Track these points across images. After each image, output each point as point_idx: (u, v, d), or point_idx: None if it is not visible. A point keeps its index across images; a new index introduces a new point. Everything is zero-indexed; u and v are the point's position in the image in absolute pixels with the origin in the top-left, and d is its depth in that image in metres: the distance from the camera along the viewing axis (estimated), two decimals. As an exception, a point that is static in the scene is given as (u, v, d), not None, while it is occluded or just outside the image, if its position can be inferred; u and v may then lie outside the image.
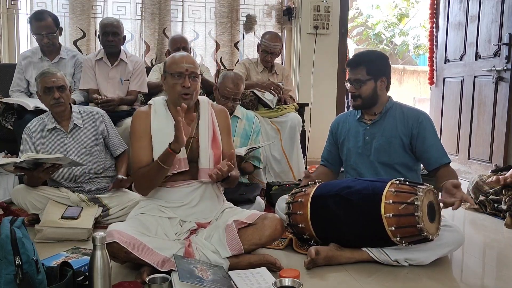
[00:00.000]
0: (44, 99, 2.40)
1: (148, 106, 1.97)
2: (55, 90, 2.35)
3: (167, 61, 1.95)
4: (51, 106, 2.39)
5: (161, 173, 1.82)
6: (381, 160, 2.15)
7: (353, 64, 2.14)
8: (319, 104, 4.21)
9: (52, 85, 2.35)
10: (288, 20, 4.34)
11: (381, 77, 2.13)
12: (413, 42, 13.42)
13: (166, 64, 1.94)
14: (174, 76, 1.87)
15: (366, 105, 2.16)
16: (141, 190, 1.94)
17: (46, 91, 2.36)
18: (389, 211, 1.75)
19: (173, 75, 1.88)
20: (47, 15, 3.08)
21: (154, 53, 4.04)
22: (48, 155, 2.21)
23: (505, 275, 1.92)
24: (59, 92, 2.36)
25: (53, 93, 2.35)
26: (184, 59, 1.90)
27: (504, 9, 3.52)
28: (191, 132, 1.91)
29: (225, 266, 1.73)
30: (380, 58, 2.18)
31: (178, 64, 1.88)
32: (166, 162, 1.79)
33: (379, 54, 2.25)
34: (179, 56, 1.93)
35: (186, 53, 1.99)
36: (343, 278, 1.78)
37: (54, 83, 2.36)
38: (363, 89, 2.12)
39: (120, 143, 2.62)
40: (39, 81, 2.39)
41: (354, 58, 2.18)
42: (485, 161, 3.74)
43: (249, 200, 2.49)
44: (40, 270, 1.40)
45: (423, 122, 2.10)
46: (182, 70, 1.87)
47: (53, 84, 2.35)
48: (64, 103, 2.40)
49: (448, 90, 4.32)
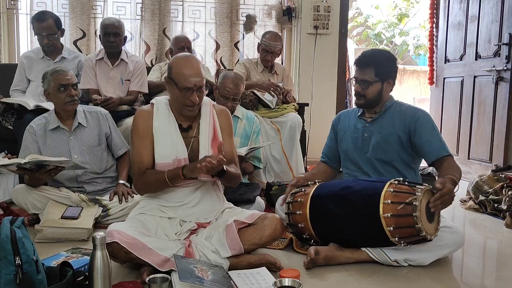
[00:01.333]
0: (58, 97, 2.38)
1: (151, 105, 1.95)
2: (71, 87, 2.36)
3: (174, 68, 1.84)
4: (65, 103, 2.38)
5: (165, 186, 1.86)
6: (378, 157, 2.15)
7: (362, 64, 2.12)
8: (319, 104, 4.21)
9: (68, 82, 2.36)
10: (288, 20, 4.34)
11: (388, 80, 2.13)
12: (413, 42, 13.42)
13: (173, 72, 1.84)
14: (182, 90, 1.82)
15: (369, 105, 2.16)
16: (141, 192, 1.97)
17: (61, 89, 2.36)
18: (387, 211, 1.76)
19: (180, 88, 1.82)
20: (48, 17, 3.08)
21: (154, 53, 4.04)
22: (53, 158, 2.20)
23: (505, 275, 1.92)
24: (74, 90, 2.38)
25: (69, 91, 2.36)
26: (193, 73, 1.81)
27: (504, 9, 3.52)
28: (192, 132, 1.92)
29: (225, 266, 1.73)
30: (389, 60, 2.15)
31: (187, 79, 1.80)
32: (173, 181, 1.82)
33: (388, 55, 2.21)
34: (188, 69, 1.81)
35: (192, 59, 1.87)
36: (343, 278, 1.78)
37: (69, 80, 2.37)
38: (369, 90, 2.11)
39: (122, 144, 2.62)
40: (51, 78, 2.37)
41: (363, 58, 2.14)
42: (485, 161, 3.74)
43: (249, 200, 2.49)
44: (40, 270, 1.40)
45: (420, 118, 2.09)
46: (191, 85, 1.81)
47: (68, 81, 2.36)
48: (78, 101, 2.43)
49: (448, 90, 4.32)
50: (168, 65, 1.93)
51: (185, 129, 1.92)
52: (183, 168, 1.78)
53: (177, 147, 1.87)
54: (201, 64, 1.90)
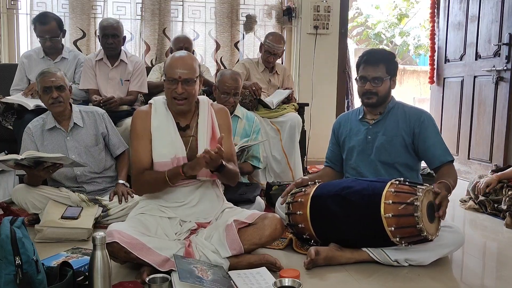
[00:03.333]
0: (43, 99, 2.41)
1: (149, 105, 1.96)
2: (54, 89, 2.36)
3: (166, 62, 1.92)
4: (49, 105, 2.40)
5: (164, 186, 1.86)
6: (382, 159, 2.15)
7: (374, 62, 2.12)
8: (319, 104, 4.21)
9: (50, 84, 2.36)
10: (288, 20, 4.34)
11: (394, 77, 2.17)
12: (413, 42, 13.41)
13: (165, 65, 1.92)
14: (168, 81, 1.86)
15: (380, 103, 2.16)
16: (140, 192, 1.97)
17: (45, 91, 2.37)
18: (388, 211, 1.75)
19: (167, 80, 1.87)
20: (51, 19, 3.08)
21: (154, 53, 4.04)
22: (50, 154, 2.21)
23: (505, 275, 1.92)
24: (58, 92, 2.37)
25: (52, 93, 2.35)
26: (179, 64, 1.84)
27: (504, 9, 3.52)
28: (190, 131, 1.92)
29: (225, 266, 1.73)
30: (394, 58, 2.21)
31: (173, 69, 1.84)
32: (173, 180, 1.82)
33: (393, 53, 2.28)
34: (175, 59, 1.87)
35: (184, 55, 1.91)
36: (343, 278, 1.78)
37: (52, 82, 2.36)
38: (382, 87, 2.12)
39: (120, 143, 2.62)
40: (38, 80, 2.39)
41: (375, 55, 2.15)
42: (485, 161, 3.74)
43: (249, 200, 2.49)
44: (40, 270, 1.40)
45: (425, 121, 2.10)
46: (175, 76, 1.84)
47: (51, 83, 2.36)
48: (63, 103, 2.40)
49: (448, 90, 4.32)
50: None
51: (183, 128, 1.93)
52: (183, 166, 1.79)
53: (175, 146, 1.88)
54: (196, 62, 1.91)
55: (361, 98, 2.19)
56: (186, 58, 1.89)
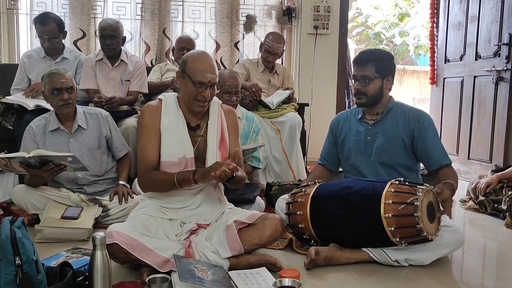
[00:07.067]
0: (51, 100, 2.38)
1: (159, 101, 1.93)
2: (64, 91, 2.34)
3: (189, 63, 1.84)
4: (59, 107, 2.37)
5: (172, 188, 1.85)
6: (381, 160, 2.15)
7: (362, 61, 2.12)
8: (319, 104, 4.21)
9: (61, 86, 2.34)
10: (288, 20, 4.34)
11: (387, 76, 2.13)
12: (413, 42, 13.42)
13: (187, 66, 1.84)
14: (195, 84, 1.82)
15: (370, 103, 2.15)
16: (144, 189, 1.96)
17: (55, 92, 2.34)
18: (388, 211, 1.76)
19: (194, 83, 1.82)
20: (51, 20, 3.07)
21: (154, 53, 4.03)
22: (58, 153, 2.19)
23: (505, 275, 1.92)
24: (68, 94, 2.35)
25: (62, 94, 2.34)
26: (209, 69, 1.82)
27: (504, 9, 3.52)
28: (200, 131, 1.91)
29: (225, 266, 1.73)
30: (388, 57, 2.18)
31: (203, 73, 1.80)
32: (182, 184, 1.81)
33: (387, 53, 2.27)
34: (204, 64, 1.82)
35: (210, 58, 1.87)
36: (343, 278, 1.78)
37: (63, 84, 2.34)
38: (370, 86, 2.11)
39: (122, 146, 2.62)
40: (47, 81, 2.36)
41: (363, 55, 2.15)
42: (485, 161, 3.74)
43: (249, 200, 2.49)
44: (40, 270, 1.40)
45: (425, 123, 2.10)
46: (205, 81, 1.81)
47: (62, 85, 2.34)
48: (72, 104, 2.40)
49: (448, 90, 4.32)
50: (182, 58, 1.91)
51: (193, 127, 1.91)
52: (194, 173, 1.77)
53: (184, 146, 1.86)
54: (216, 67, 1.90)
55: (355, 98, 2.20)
56: (210, 60, 1.86)
